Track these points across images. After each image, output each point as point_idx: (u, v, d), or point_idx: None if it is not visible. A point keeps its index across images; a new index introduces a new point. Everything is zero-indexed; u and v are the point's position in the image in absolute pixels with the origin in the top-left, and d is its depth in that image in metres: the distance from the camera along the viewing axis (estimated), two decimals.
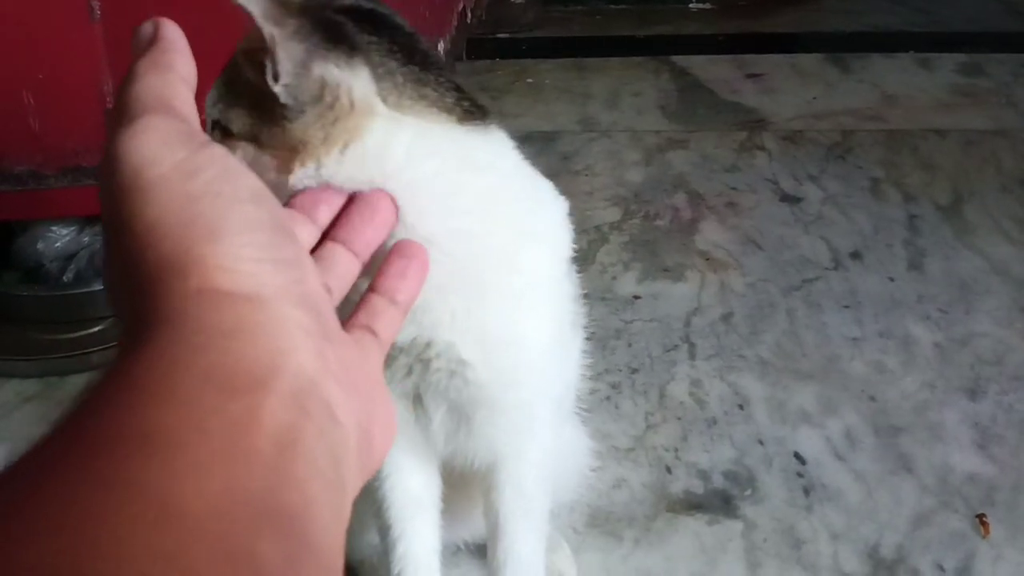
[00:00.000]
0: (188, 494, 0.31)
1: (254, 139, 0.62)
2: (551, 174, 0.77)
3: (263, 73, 0.57)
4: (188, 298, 0.38)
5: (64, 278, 1.49)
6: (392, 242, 0.59)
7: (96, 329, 1.48)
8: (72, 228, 1.51)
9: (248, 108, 0.61)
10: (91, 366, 1.45)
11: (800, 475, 1.26)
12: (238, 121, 0.62)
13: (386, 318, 0.53)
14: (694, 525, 1.18)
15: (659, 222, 1.89)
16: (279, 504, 0.34)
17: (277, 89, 0.58)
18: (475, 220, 0.65)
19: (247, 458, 0.34)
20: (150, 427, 0.33)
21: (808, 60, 2.70)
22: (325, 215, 0.55)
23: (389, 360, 0.72)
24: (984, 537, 1.15)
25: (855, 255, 1.76)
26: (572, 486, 1.03)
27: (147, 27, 0.48)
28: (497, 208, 0.67)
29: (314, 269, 0.44)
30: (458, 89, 0.65)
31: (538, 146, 2.19)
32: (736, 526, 1.18)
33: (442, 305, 0.68)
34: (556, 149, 2.19)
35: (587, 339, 0.94)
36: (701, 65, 2.68)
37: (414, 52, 0.63)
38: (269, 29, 0.55)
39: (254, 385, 0.36)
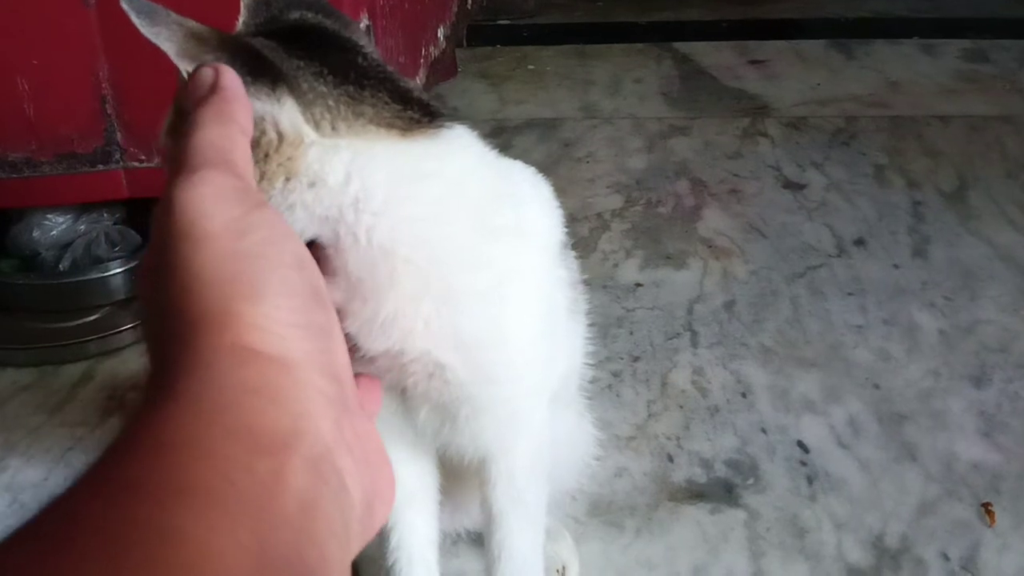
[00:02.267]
0: (226, 544, 0.33)
1: None
2: (552, 161, 0.76)
3: None
4: (221, 352, 0.40)
5: (60, 266, 1.48)
6: (351, 259, 0.61)
7: (92, 318, 1.47)
8: (68, 216, 1.50)
9: None
10: (87, 355, 1.45)
11: (803, 464, 1.24)
12: None
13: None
14: (696, 514, 1.17)
15: (661, 209, 1.88)
16: (303, 561, 0.36)
17: None
18: (431, 226, 0.64)
19: (276, 515, 0.36)
20: (185, 479, 0.34)
21: (811, 46, 2.68)
22: None
23: (369, 361, 0.71)
24: (990, 526, 1.14)
25: (859, 242, 1.74)
26: (574, 474, 1.02)
27: (208, 73, 0.52)
28: (454, 210, 0.66)
29: (342, 340, 0.46)
30: (404, 99, 0.63)
31: (539, 133, 2.18)
32: (739, 515, 1.17)
33: (414, 314, 0.66)
34: (558, 136, 2.17)
35: (589, 326, 0.93)
36: (703, 51, 2.66)
37: (350, 69, 0.61)
38: (185, 67, 0.54)
39: (279, 446, 0.38)
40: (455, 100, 2.36)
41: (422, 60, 2.00)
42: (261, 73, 0.57)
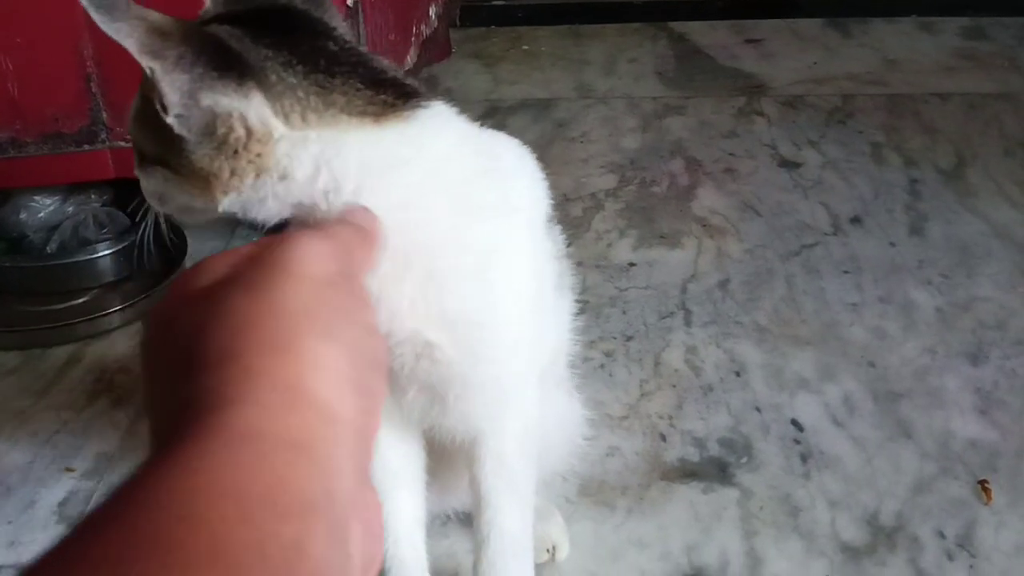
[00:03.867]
0: None
1: (166, 165, 0.60)
2: (546, 141, 0.75)
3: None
4: (275, 391, 0.39)
5: (47, 249, 1.46)
6: None
7: (80, 300, 1.46)
8: (56, 198, 1.48)
9: (154, 135, 0.59)
10: (75, 337, 1.44)
11: (798, 442, 1.23)
12: (148, 146, 0.62)
13: None
14: (689, 494, 1.16)
15: (656, 188, 1.86)
16: None
17: (169, 120, 0.56)
18: (411, 210, 0.63)
19: None
20: (218, 546, 0.33)
21: (808, 25, 2.65)
22: None
23: None
24: (986, 504, 1.13)
25: (855, 220, 1.73)
26: (564, 455, 1.01)
27: (367, 217, 0.56)
28: (432, 194, 0.65)
29: (379, 415, 0.47)
30: (377, 83, 0.62)
31: (534, 113, 2.16)
32: (732, 494, 1.16)
33: (397, 295, 0.66)
34: (552, 116, 2.15)
35: (582, 306, 0.92)
36: (699, 31, 2.63)
37: (320, 56, 0.60)
38: (148, 63, 0.53)
39: (306, 509, 0.37)
40: (449, 81, 2.34)
41: (413, 39, 1.98)
42: (228, 67, 0.56)
